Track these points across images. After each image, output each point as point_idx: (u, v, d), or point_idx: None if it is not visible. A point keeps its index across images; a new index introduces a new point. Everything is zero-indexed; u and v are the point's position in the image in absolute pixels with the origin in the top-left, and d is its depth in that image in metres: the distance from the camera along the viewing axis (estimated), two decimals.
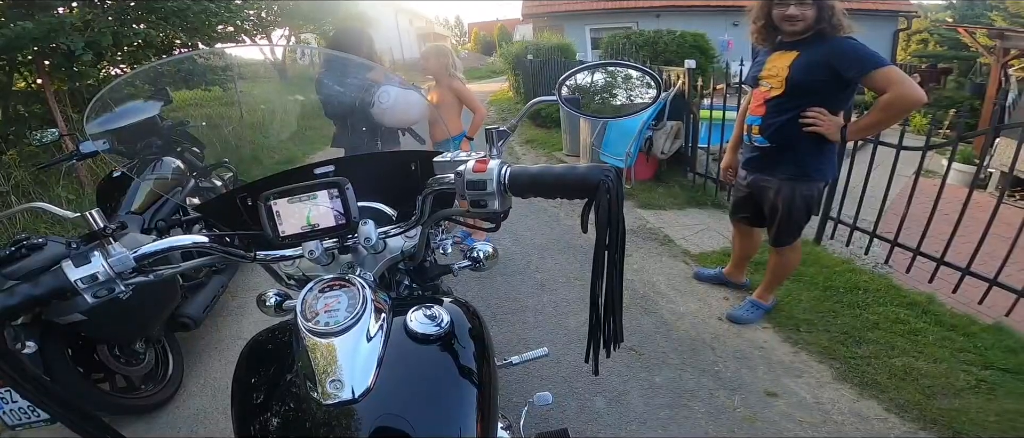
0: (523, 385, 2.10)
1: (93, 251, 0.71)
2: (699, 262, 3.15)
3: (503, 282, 3.00)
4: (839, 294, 2.65)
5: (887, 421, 1.87)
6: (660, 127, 4.40)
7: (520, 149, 6.62)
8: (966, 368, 2.10)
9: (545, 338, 2.43)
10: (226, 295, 2.82)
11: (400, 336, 0.76)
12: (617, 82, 1.04)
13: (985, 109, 6.97)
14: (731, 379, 2.11)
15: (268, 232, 0.78)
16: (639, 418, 1.93)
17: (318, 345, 0.69)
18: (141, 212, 2.39)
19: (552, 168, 0.74)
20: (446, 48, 3.05)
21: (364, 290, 0.73)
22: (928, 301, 2.56)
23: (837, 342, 2.29)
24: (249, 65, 3.44)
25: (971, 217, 2.57)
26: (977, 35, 7.84)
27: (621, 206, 0.70)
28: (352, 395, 0.67)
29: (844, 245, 3.22)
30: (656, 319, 2.56)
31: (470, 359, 0.78)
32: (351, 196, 0.78)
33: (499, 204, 0.75)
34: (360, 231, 0.80)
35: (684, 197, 4.28)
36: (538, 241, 3.57)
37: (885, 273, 2.91)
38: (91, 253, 0.71)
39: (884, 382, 2.04)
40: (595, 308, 0.79)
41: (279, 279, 0.97)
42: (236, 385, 0.80)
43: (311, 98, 2.24)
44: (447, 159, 0.83)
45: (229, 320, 2.76)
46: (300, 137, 2.52)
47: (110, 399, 1.93)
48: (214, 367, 2.39)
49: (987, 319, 2.44)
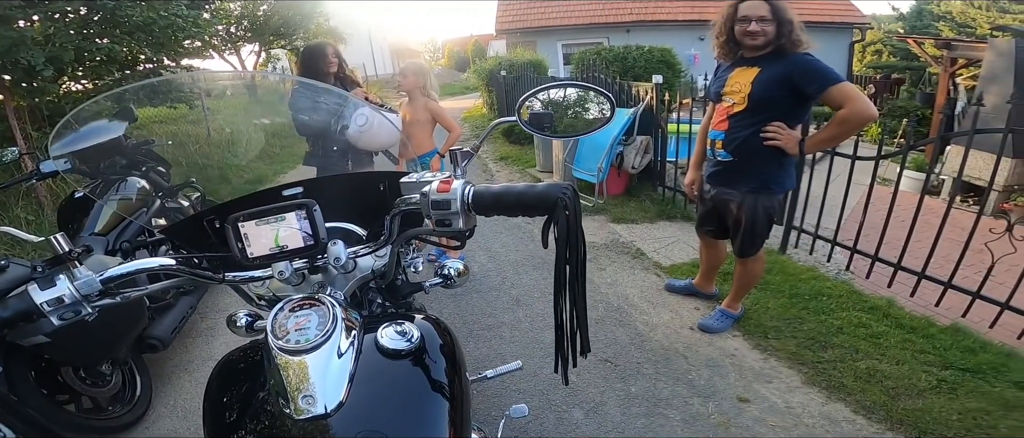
0: (500, 399, 2.11)
1: (58, 274, 0.71)
2: (670, 274, 3.21)
3: (479, 299, 3.00)
4: (804, 300, 2.73)
5: (855, 423, 1.93)
6: (630, 142, 4.50)
7: (494, 166, 6.66)
8: (927, 369, 2.17)
9: (521, 352, 2.44)
10: (195, 316, 2.76)
11: (371, 352, 0.77)
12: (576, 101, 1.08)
13: (934, 118, 7.19)
14: (704, 387, 2.15)
15: (236, 254, 0.79)
16: (617, 428, 1.95)
17: (289, 363, 0.69)
18: (105, 234, 2.33)
19: (513, 187, 0.76)
20: (424, 66, 3.06)
21: (334, 308, 0.74)
22: (888, 305, 2.67)
23: (804, 347, 2.35)
24: (216, 83, 3.38)
25: (925, 222, 2.70)
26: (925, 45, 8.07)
27: (579, 222, 0.73)
28: (325, 410, 0.67)
29: (808, 253, 3.33)
30: (630, 331, 2.60)
31: (441, 373, 0.79)
32: (319, 217, 0.79)
33: (463, 222, 0.77)
34: (330, 251, 0.81)
35: (655, 210, 4.36)
36: (513, 257, 3.59)
37: (847, 279, 3.02)
38: (57, 276, 0.71)
39: (850, 385, 2.10)
40: (559, 320, 0.81)
41: (249, 300, 0.97)
42: (207, 404, 0.80)
43: (282, 115, 2.23)
44: (413, 180, 0.85)
45: (198, 341, 2.70)
46: (270, 156, 2.50)
47: (76, 420, 1.90)
48: (184, 388, 2.35)
49: (945, 321, 2.54)
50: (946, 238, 2.57)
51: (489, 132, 1.07)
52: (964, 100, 6.72)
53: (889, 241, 2.85)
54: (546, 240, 0.75)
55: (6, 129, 4.41)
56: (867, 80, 11.55)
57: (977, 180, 4.53)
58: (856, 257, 3.07)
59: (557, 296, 0.79)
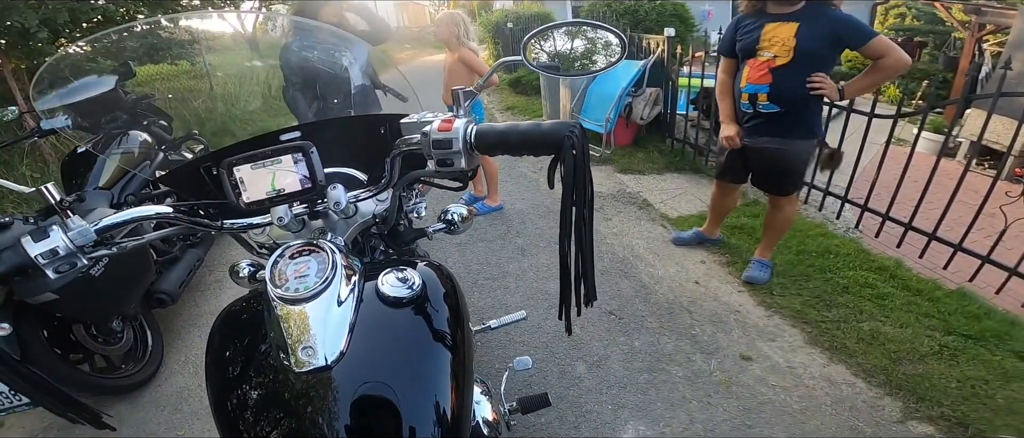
0: (504, 350, 2.13)
1: (52, 225, 0.70)
2: (677, 226, 3.20)
3: (483, 248, 3.01)
4: (812, 257, 2.72)
5: (855, 386, 1.93)
6: (639, 93, 4.41)
7: (500, 116, 6.60)
8: (930, 333, 2.16)
9: (525, 303, 2.46)
10: (203, 269, 2.78)
11: (372, 300, 0.75)
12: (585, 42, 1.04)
13: (957, 81, 7.10)
14: (708, 343, 2.16)
15: (231, 198, 0.77)
16: (619, 383, 1.97)
17: (289, 312, 0.68)
18: (109, 188, 2.32)
19: (517, 125, 0.74)
20: (458, 15, 3.12)
21: (334, 254, 0.72)
22: (896, 266, 2.65)
23: (809, 306, 2.35)
24: (218, 38, 3.32)
25: (939, 184, 2.64)
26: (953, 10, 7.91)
27: (587, 162, 0.71)
28: (325, 362, 0.66)
29: (817, 209, 3.30)
30: (635, 283, 2.60)
31: (443, 322, 0.78)
32: (316, 159, 0.77)
33: (465, 162, 0.75)
34: (329, 196, 0.79)
35: (663, 162, 4.34)
36: (518, 206, 3.59)
37: (855, 237, 3.00)
38: (50, 227, 0.69)
39: (853, 346, 2.10)
40: (565, 266, 0.79)
41: (250, 248, 0.96)
42: (209, 359, 0.80)
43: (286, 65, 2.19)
44: (413, 120, 0.82)
45: (208, 295, 2.73)
46: (273, 108, 2.47)
47: (90, 379, 1.92)
48: (195, 344, 2.38)
49: (951, 285, 2.52)
50: (959, 201, 2.52)
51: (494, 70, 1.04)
52: (989, 65, 6.59)
53: (901, 201, 2.80)
54: (552, 180, 0.72)
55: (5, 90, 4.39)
56: None
57: (995, 144, 4.45)
58: (866, 215, 3.04)
59: (562, 240, 0.76)
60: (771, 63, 2.10)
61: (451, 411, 0.70)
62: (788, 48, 2.05)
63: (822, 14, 2.02)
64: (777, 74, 2.10)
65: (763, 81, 2.14)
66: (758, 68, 2.15)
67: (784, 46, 2.06)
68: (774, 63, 2.10)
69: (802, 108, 2.14)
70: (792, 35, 2.03)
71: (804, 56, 2.04)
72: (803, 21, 2.03)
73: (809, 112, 2.17)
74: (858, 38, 2.01)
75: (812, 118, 2.20)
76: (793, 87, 2.09)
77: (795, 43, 2.03)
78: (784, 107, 2.14)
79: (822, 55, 2.06)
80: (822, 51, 2.04)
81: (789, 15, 2.06)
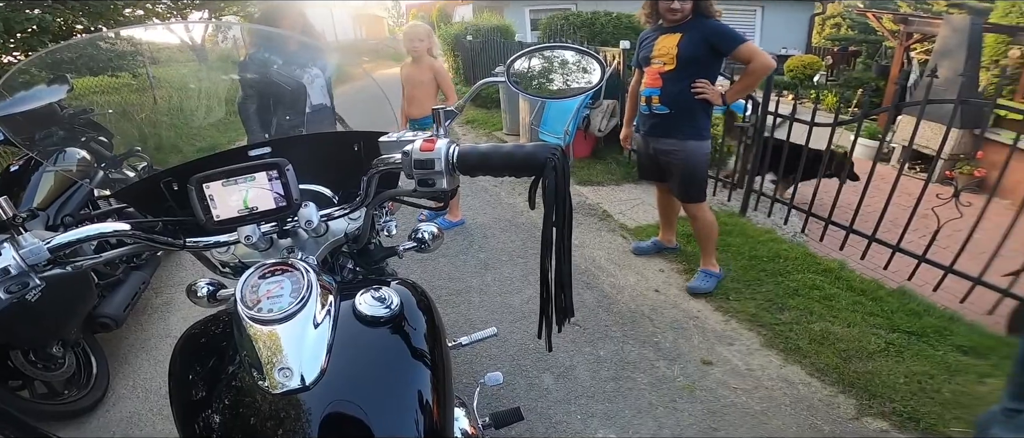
0: (471, 366, 2.12)
1: (2, 243, 0.65)
2: (636, 236, 3.27)
3: (446, 263, 2.99)
4: (763, 262, 2.83)
5: (811, 385, 1.99)
6: (597, 106, 4.50)
7: (461, 129, 6.59)
8: (876, 331, 2.27)
9: (491, 318, 2.45)
10: (149, 292, 2.65)
11: (349, 320, 0.74)
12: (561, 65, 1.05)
13: (888, 89, 7.50)
14: (669, 349, 2.21)
15: (200, 216, 0.74)
16: (587, 392, 1.99)
17: (261, 334, 0.65)
18: (44, 208, 2.19)
19: (500, 147, 0.74)
20: (427, 28, 3.13)
21: (309, 274, 0.70)
22: (840, 267, 2.78)
23: (763, 309, 2.44)
24: (164, 49, 3.17)
25: (876, 188, 2.81)
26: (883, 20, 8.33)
27: (568, 183, 0.72)
28: (302, 383, 0.64)
29: (766, 216, 3.44)
30: (598, 293, 2.64)
31: (422, 340, 0.77)
32: (292, 177, 0.75)
33: (447, 183, 0.75)
34: (301, 214, 0.77)
35: (620, 173, 4.43)
36: (480, 220, 3.58)
37: (802, 242, 3.14)
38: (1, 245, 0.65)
39: (805, 347, 2.18)
40: (545, 284, 0.80)
41: (212, 267, 0.92)
42: (173, 382, 0.76)
43: (232, 80, 2.12)
44: (393, 139, 0.81)
45: (155, 318, 2.60)
46: (224, 123, 2.38)
47: (31, 406, 1.84)
48: (143, 368, 2.27)
49: (893, 284, 2.67)
50: (895, 203, 2.68)
51: (475, 91, 1.04)
52: (917, 73, 6.95)
53: (842, 205, 2.96)
54: (533, 201, 0.73)
55: None
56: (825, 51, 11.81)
57: (925, 148, 4.75)
58: (810, 220, 3.19)
59: (543, 258, 0.77)
60: (661, 69, 2.34)
61: (434, 429, 0.69)
62: (672, 56, 2.29)
63: (701, 25, 2.26)
64: (666, 78, 2.34)
65: (655, 85, 2.38)
66: (652, 74, 2.40)
67: (670, 54, 2.29)
68: (664, 69, 2.33)
69: (688, 110, 2.35)
70: (676, 44, 2.27)
71: (686, 62, 2.27)
72: (685, 32, 2.27)
73: (696, 115, 2.37)
74: (728, 44, 2.24)
75: (700, 120, 2.39)
76: (679, 90, 2.32)
77: (677, 51, 2.27)
78: (673, 109, 2.36)
79: (702, 61, 2.28)
80: (701, 57, 2.27)
81: (675, 27, 2.30)
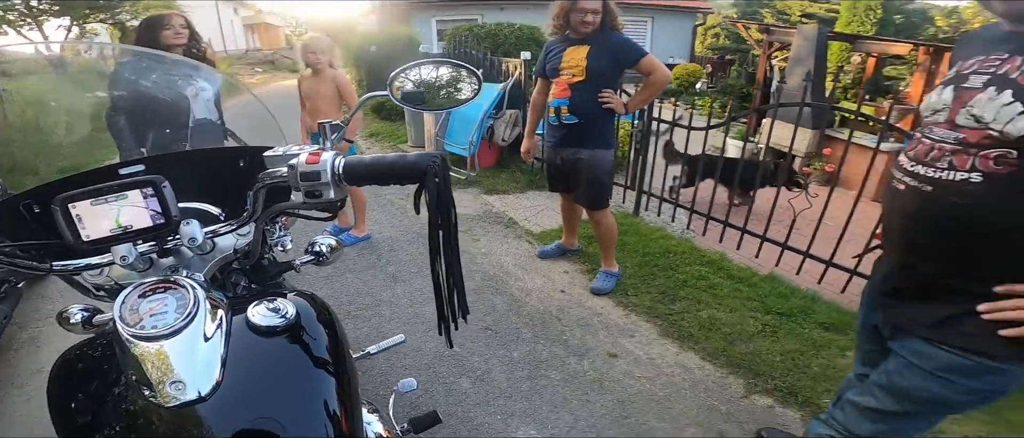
0: (386, 376, 2.10)
1: None
2: (540, 241, 3.41)
3: (354, 278, 2.93)
4: (655, 258, 3.07)
5: (704, 369, 2.17)
6: (500, 116, 4.62)
7: (364, 143, 6.44)
8: (753, 315, 2.51)
9: (403, 328, 2.44)
10: (12, 327, 2.35)
11: (242, 332, 0.73)
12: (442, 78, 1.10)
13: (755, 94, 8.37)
14: (578, 346, 2.33)
15: (68, 238, 0.70)
16: (504, 393, 2.04)
17: (147, 351, 0.63)
18: None
19: (384, 157, 0.77)
20: (328, 40, 3.04)
21: (195, 290, 0.69)
22: (721, 258, 3.09)
23: (657, 302, 2.64)
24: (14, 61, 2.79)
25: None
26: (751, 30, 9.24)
27: (449, 188, 0.76)
28: (198, 395, 0.63)
29: (656, 215, 3.74)
30: (507, 298, 2.72)
31: (323, 349, 0.78)
32: (170, 194, 0.73)
33: (334, 193, 0.76)
34: (183, 231, 0.76)
35: (524, 181, 4.57)
36: (387, 234, 3.55)
37: (688, 237, 3.45)
38: None
39: (697, 334, 2.38)
40: (437, 285, 0.84)
41: (86, 291, 0.86)
42: (54, 410, 0.72)
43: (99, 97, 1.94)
44: (279, 153, 0.81)
45: (22, 354, 2.31)
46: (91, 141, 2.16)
47: None
48: (15, 405, 2.03)
49: (764, 270, 2.98)
50: (762, 196, 3.04)
51: (360, 105, 1.06)
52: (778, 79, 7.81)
53: (718, 202, 3.29)
54: (418, 207, 0.77)
55: None
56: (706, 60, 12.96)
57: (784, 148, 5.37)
58: (693, 217, 3.52)
59: (433, 261, 0.81)
60: (570, 80, 2.44)
61: (342, 435, 0.70)
62: (582, 67, 2.39)
63: (607, 38, 2.38)
64: (574, 89, 2.44)
65: (564, 96, 2.47)
66: (561, 85, 2.49)
67: (579, 66, 2.40)
68: (572, 80, 2.43)
69: (596, 119, 2.46)
70: (584, 57, 2.38)
71: (594, 74, 2.38)
72: (593, 44, 2.38)
73: (602, 124, 2.50)
74: (631, 57, 2.39)
75: (606, 129, 2.53)
76: (588, 100, 2.42)
77: (586, 63, 2.37)
78: (582, 119, 2.46)
79: (608, 73, 2.41)
80: (607, 69, 2.40)
81: (582, 40, 2.41)
